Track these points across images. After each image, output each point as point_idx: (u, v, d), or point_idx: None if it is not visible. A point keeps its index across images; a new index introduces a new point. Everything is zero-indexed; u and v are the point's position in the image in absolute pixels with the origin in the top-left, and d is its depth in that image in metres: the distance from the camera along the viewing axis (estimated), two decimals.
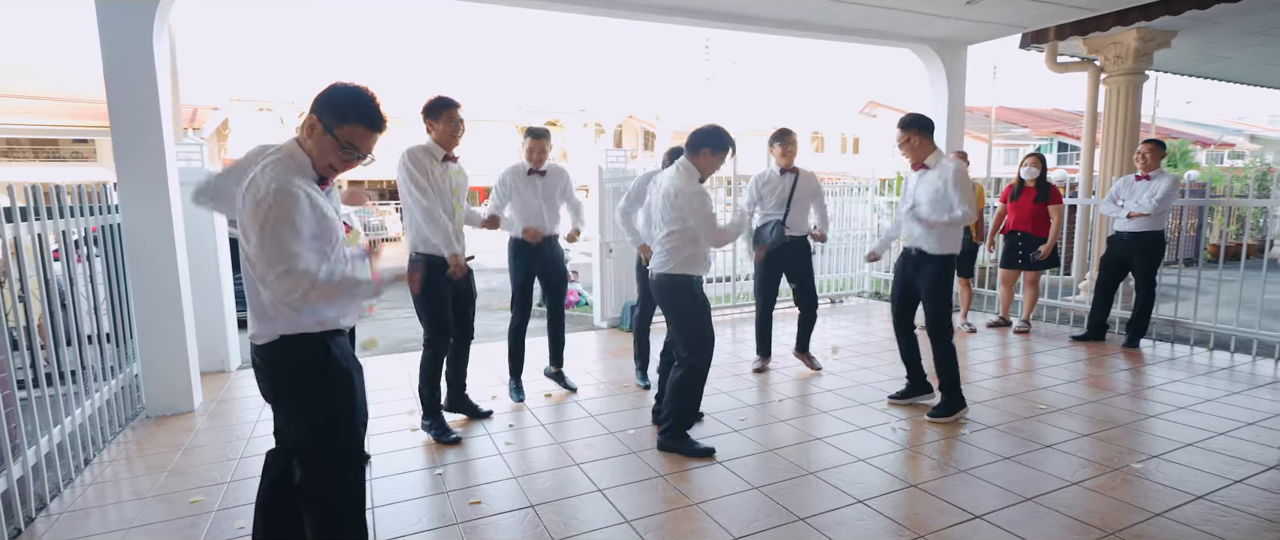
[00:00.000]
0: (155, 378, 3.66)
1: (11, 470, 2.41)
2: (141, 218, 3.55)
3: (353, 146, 1.68)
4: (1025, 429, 3.25)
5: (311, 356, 1.72)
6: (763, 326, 4.41)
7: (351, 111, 1.67)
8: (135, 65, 3.46)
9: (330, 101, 1.67)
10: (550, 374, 4.12)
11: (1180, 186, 4.57)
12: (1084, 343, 5.04)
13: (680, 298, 2.96)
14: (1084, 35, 5.52)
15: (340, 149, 1.68)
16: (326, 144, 1.67)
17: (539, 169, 3.76)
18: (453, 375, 3.47)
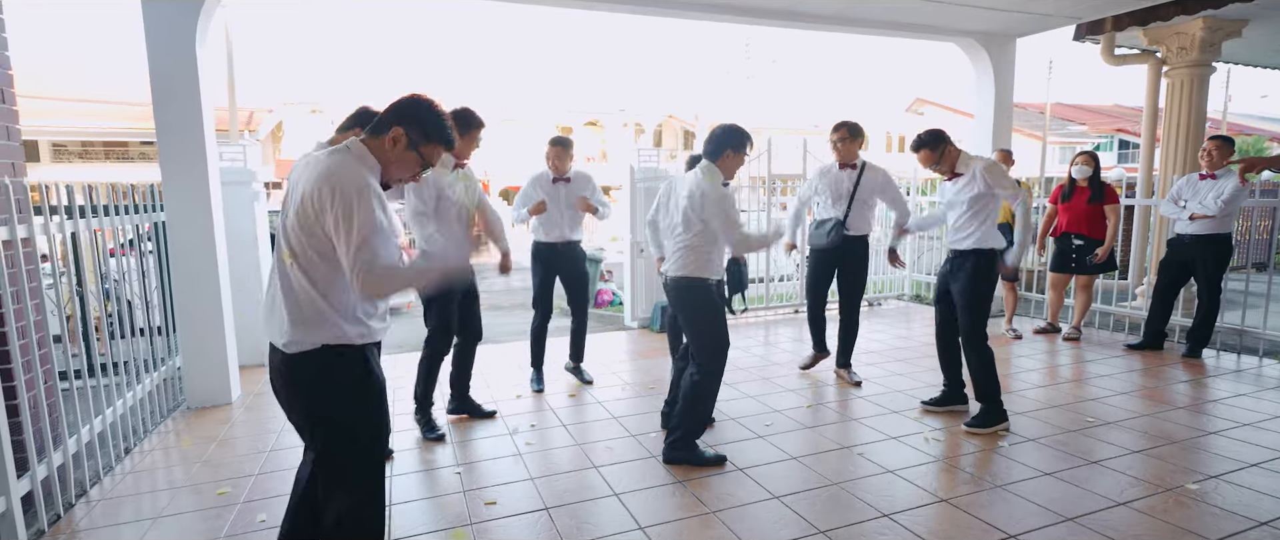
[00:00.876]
0: (195, 371, 3.79)
1: (52, 458, 2.51)
2: (184, 216, 3.68)
3: (428, 164, 1.73)
4: (1070, 443, 3.06)
5: (354, 368, 1.67)
6: (816, 321, 4.22)
7: (437, 134, 1.70)
8: (179, 67, 3.59)
9: (419, 119, 1.68)
10: (569, 368, 4.15)
11: (1249, 186, 4.25)
12: (1140, 352, 4.74)
13: (697, 301, 2.88)
14: (1144, 25, 5.21)
15: (419, 165, 1.71)
16: (409, 158, 1.69)
17: (563, 176, 3.78)
18: (457, 376, 3.45)
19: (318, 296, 1.60)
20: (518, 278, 12.03)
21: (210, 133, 3.76)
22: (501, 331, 6.33)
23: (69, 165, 20.16)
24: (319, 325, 1.61)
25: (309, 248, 1.58)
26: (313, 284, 1.59)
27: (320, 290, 1.60)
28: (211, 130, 3.79)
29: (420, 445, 3.16)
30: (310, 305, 1.61)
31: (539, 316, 3.93)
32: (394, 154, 1.67)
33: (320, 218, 1.55)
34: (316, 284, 1.60)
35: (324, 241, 1.57)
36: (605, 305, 8.39)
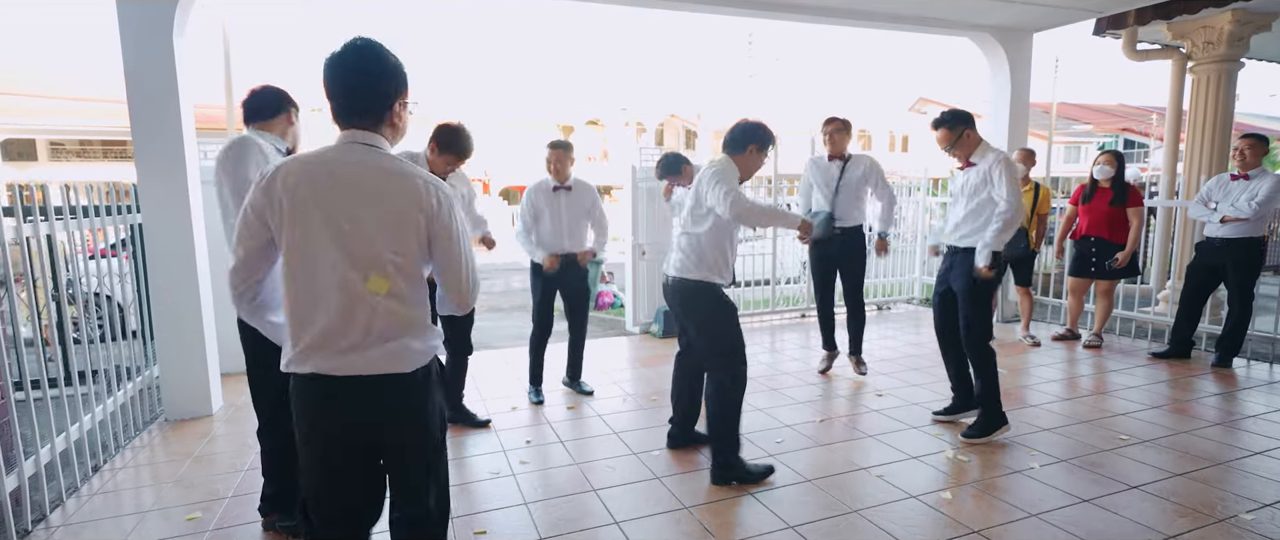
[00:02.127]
0: (174, 380, 3.59)
1: (3, 482, 2.31)
2: (162, 218, 3.48)
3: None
4: (1104, 464, 2.85)
5: (436, 372, 1.56)
6: (825, 320, 4.33)
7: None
8: (155, 60, 3.39)
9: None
10: (566, 383, 3.98)
11: None
12: (1166, 361, 4.53)
13: (704, 303, 2.70)
14: (1169, 19, 4.99)
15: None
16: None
17: (564, 184, 3.58)
18: (449, 388, 3.33)
19: (471, 295, 1.54)
20: (518, 279, 11.84)
21: (190, 130, 3.56)
22: (498, 336, 6.13)
23: (67, 164, 20.02)
24: (428, 334, 1.49)
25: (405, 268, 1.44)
26: (466, 283, 1.51)
27: (415, 308, 1.47)
28: (191, 128, 3.59)
29: None
30: (409, 322, 1.46)
31: (538, 331, 3.74)
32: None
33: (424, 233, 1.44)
34: (410, 304, 1.46)
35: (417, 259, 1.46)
36: (606, 307, 8.19)
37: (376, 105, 1.42)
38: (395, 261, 1.39)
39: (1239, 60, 5.32)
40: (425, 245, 1.43)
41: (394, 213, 1.38)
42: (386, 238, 1.38)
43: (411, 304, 1.44)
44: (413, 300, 1.44)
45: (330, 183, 1.37)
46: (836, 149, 4.04)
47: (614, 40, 55.24)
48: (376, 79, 1.41)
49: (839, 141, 4.03)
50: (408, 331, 1.43)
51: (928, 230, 6.93)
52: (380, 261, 1.38)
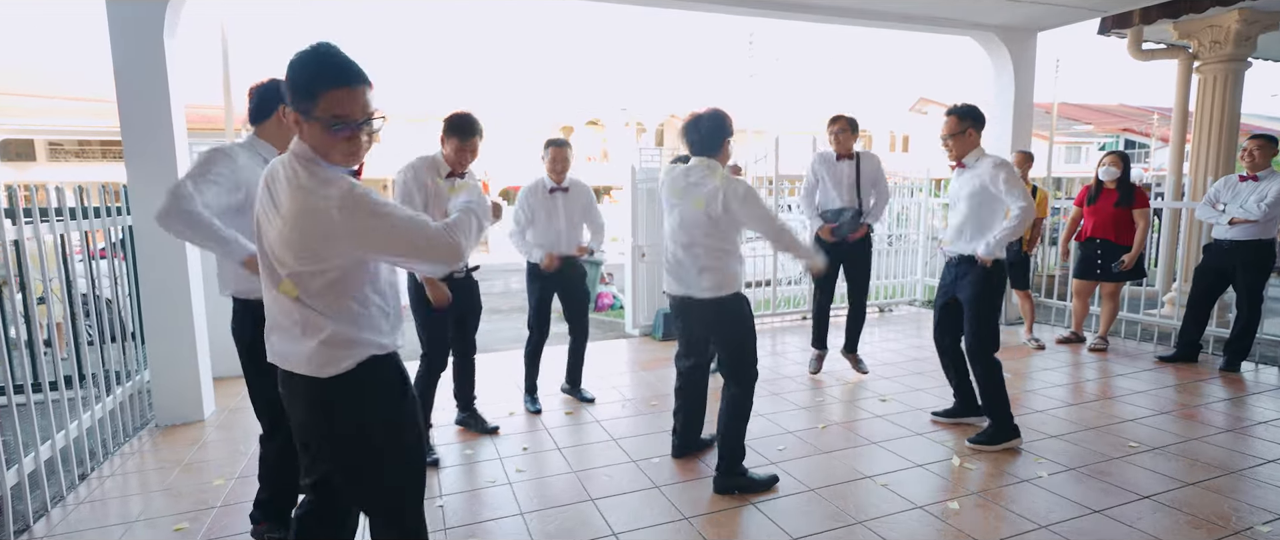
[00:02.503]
0: (165, 385, 3.53)
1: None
2: (149, 216, 3.41)
3: (340, 117, 1.34)
4: (1114, 473, 2.78)
5: (396, 375, 1.52)
6: (820, 318, 4.30)
7: (317, 80, 1.33)
8: (145, 59, 3.33)
9: (290, 84, 1.35)
10: (565, 390, 3.91)
11: None
12: (1173, 364, 4.46)
13: (738, 316, 2.63)
14: (1175, 18, 4.92)
15: (331, 128, 1.34)
16: (314, 132, 1.36)
17: (561, 185, 3.50)
18: (460, 391, 3.34)
19: (323, 321, 1.43)
20: (516, 280, 11.78)
21: (180, 131, 3.50)
22: (497, 339, 6.06)
23: (65, 164, 19.96)
24: (359, 335, 1.45)
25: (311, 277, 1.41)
26: (318, 313, 1.42)
27: (331, 316, 1.43)
28: (182, 128, 3.53)
29: None
30: (320, 327, 1.43)
31: (535, 337, 3.66)
32: (309, 137, 1.38)
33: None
34: (324, 313, 1.42)
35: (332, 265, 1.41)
36: (606, 309, 8.13)
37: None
38: (295, 271, 1.38)
39: (1246, 60, 5.25)
40: (333, 256, 1.36)
41: (289, 223, 1.36)
42: (284, 247, 1.38)
43: (326, 313, 1.41)
44: (329, 309, 1.40)
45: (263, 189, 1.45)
46: (844, 147, 4.05)
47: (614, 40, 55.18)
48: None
49: (845, 141, 4.04)
50: (320, 335, 1.41)
51: (930, 232, 6.88)
52: (285, 268, 1.40)
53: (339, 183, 1.35)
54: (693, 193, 2.55)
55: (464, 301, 3.04)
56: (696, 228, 2.55)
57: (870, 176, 4.06)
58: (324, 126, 1.34)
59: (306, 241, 1.34)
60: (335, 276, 1.39)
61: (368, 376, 1.45)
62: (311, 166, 1.37)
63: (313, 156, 1.38)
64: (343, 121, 1.35)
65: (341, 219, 1.32)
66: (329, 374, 1.41)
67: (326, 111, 1.34)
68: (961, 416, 3.37)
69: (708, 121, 2.56)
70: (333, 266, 1.37)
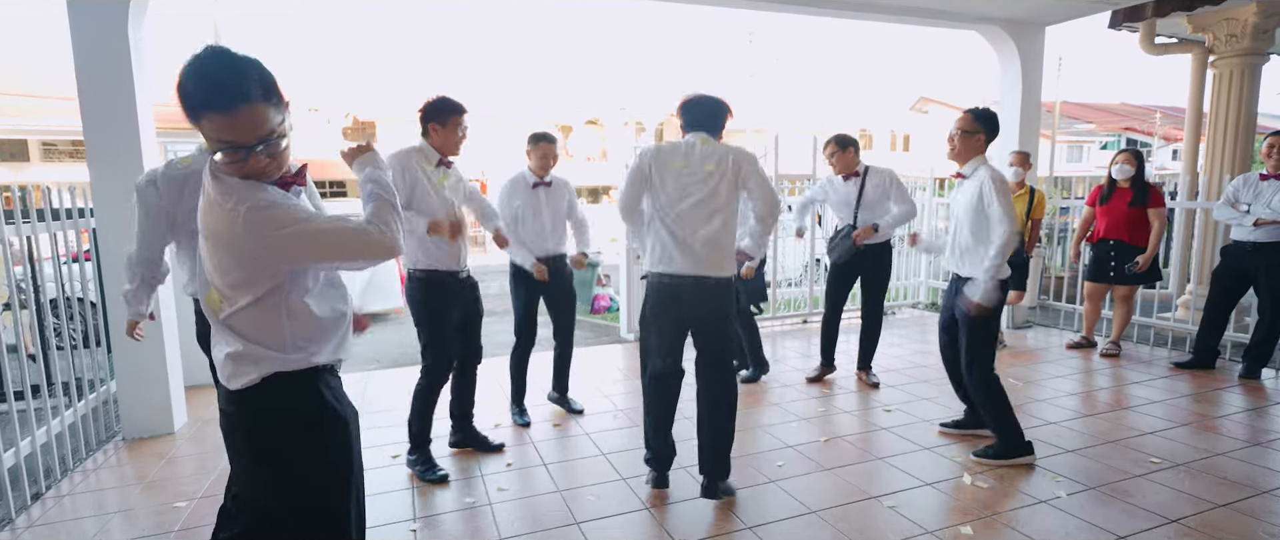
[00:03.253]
0: (131, 396, 3.35)
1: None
2: (117, 221, 3.24)
3: (226, 143, 1.21)
4: (1137, 493, 2.60)
5: (306, 399, 1.38)
6: (828, 333, 4.15)
7: (191, 102, 1.18)
8: (108, 51, 3.16)
9: (181, 97, 1.20)
10: (553, 399, 3.69)
11: None
12: (1189, 371, 4.28)
13: (730, 300, 2.52)
14: (1190, 10, 4.73)
15: (221, 153, 1.23)
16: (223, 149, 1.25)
17: (544, 180, 3.32)
18: (458, 406, 3.04)
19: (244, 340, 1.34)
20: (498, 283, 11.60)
21: (147, 127, 3.32)
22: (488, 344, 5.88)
23: (59, 165, 19.81)
24: (262, 350, 1.34)
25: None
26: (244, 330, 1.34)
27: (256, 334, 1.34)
28: (149, 124, 3.35)
29: (378, 490, 2.71)
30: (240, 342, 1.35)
31: (523, 343, 3.47)
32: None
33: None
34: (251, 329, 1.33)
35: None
36: (602, 311, 7.95)
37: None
38: (222, 289, 1.30)
39: (1264, 54, 5.06)
40: (262, 279, 1.28)
41: (210, 243, 1.30)
42: (210, 264, 1.31)
43: (243, 331, 1.32)
44: (249, 327, 1.31)
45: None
46: (844, 167, 3.88)
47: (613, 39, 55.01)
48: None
49: (843, 160, 3.86)
50: (228, 345, 1.33)
51: (933, 232, 6.71)
52: (211, 282, 1.33)
53: (245, 199, 1.23)
54: (700, 159, 2.42)
55: (467, 305, 2.86)
56: (708, 198, 2.40)
57: (877, 194, 3.82)
58: (216, 152, 1.24)
59: (229, 265, 1.28)
60: (264, 296, 1.30)
61: (275, 393, 1.33)
62: (218, 178, 1.26)
63: (220, 167, 1.26)
64: (230, 145, 1.21)
65: (252, 244, 1.24)
66: (235, 386, 1.33)
67: (211, 136, 1.21)
68: (971, 428, 3.21)
69: (710, 100, 2.48)
70: (263, 289, 1.29)
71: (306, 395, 1.37)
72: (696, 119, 2.48)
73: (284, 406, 1.35)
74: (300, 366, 1.35)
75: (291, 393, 1.35)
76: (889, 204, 3.84)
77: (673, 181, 2.43)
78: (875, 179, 3.84)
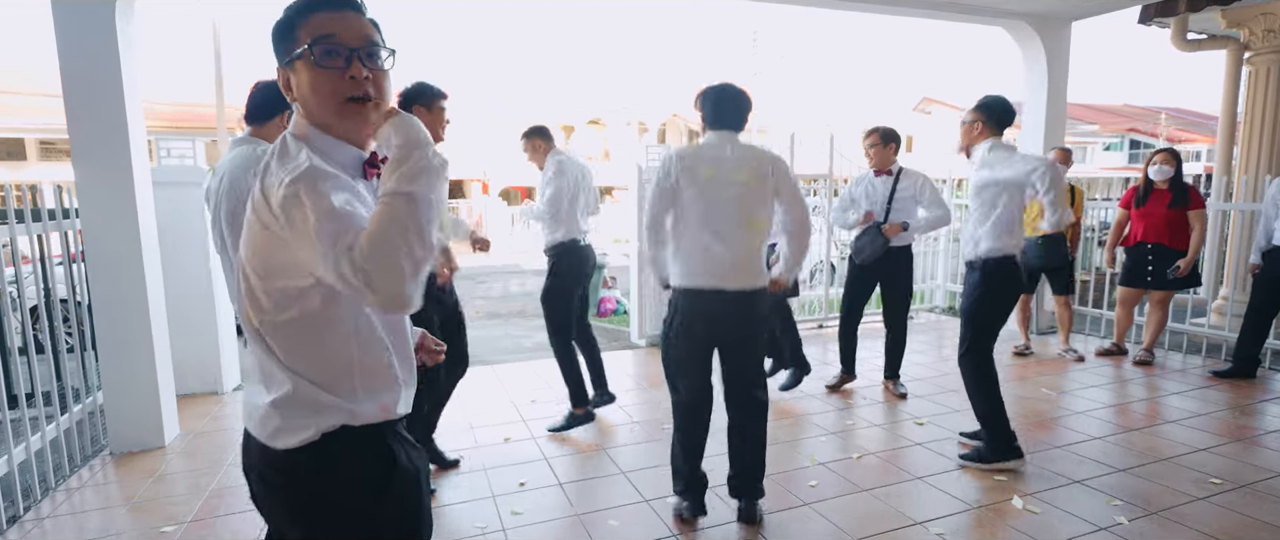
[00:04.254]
0: (119, 407, 3.16)
1: None
2: (103, 224, 3.05)
3: (324, 38, 1.03)
4: (1203, 518, 2.41)
5: (379, 461, 1.08)
6: (846, 340, 3.96)
7: (294, 13, 1.05)
8: (95, 46, 2.96)
9: (273, 41, 1.07)
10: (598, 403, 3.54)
11: None
12: (1228, 380, 4.09)
13: (765, 311, 2.37)
14: (1225, 5, 4.54)
15: (319, 63, 1.03)
16: (303, 85, 1.07)
17: None
18: (425, 413, 2.76)
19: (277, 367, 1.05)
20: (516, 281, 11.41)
21: (137, 125, 3.13)
22: (494, 349, 5.70)
23: (58, 164, 19.62)
24: (320, 399, 1.04)
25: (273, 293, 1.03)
26: (275, 350, 1.05)
27: (286, 358, 1.04)
28: (139, 122, 3.16)
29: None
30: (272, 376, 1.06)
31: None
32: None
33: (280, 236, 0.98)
34: (281, 350, 1.05)
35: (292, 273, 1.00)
36: (609, 314, 7.76)
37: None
38: (254, 286, 1.02)
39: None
40: (271, 256, 0.99)
41: (246, 227, 1.04)
42: (247, 252, 1.03)
43: (287, 361, 1.03)
44: (291, 353, 1.03)
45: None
46: (881, 163, 3.69)
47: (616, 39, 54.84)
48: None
49: (882, 155, 3.68)
50: (273, 387, 1.05)
51: (951, 232, 6.53)
52: (247, 281, 1.04)
53: (300, 157, 0.98)
54: (733, 166, 2.23)
55: (448, 307, 2.68)
56: (742, 210, 2.23)
57: (909, 196, 3.65)
58: (311, 65, 1.01)
59: (257, 243, 1.00)
60: (300, 299, 1.00)
61: (336, 453, 1.04)
62: (291, 144, 1.03)
63: (304, 133, 1.04)
64: (330, 45, 1.01)
65: (280, 206, 0.94)
66: (280, 446, 1.03)
67: (308, 38, 1.01)
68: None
69: (733, 91, 2.30)
70: (291, 285, 0.99)
71: (379, 456, 1.08)
72: (721, 114, 2.30)
73: (350, 475, 1.06)
74: (372, 419, 1.06)
75: (360, 454, 1.06)
76: (918, 209, 3.68)
77: (703, 192, 2.23)
78: (908, 180, 3.66)
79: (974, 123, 2.76)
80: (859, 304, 3.94)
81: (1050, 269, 4.47)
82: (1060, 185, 2.70)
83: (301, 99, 1.04)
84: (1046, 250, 4.34)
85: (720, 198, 2.22)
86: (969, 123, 2.79)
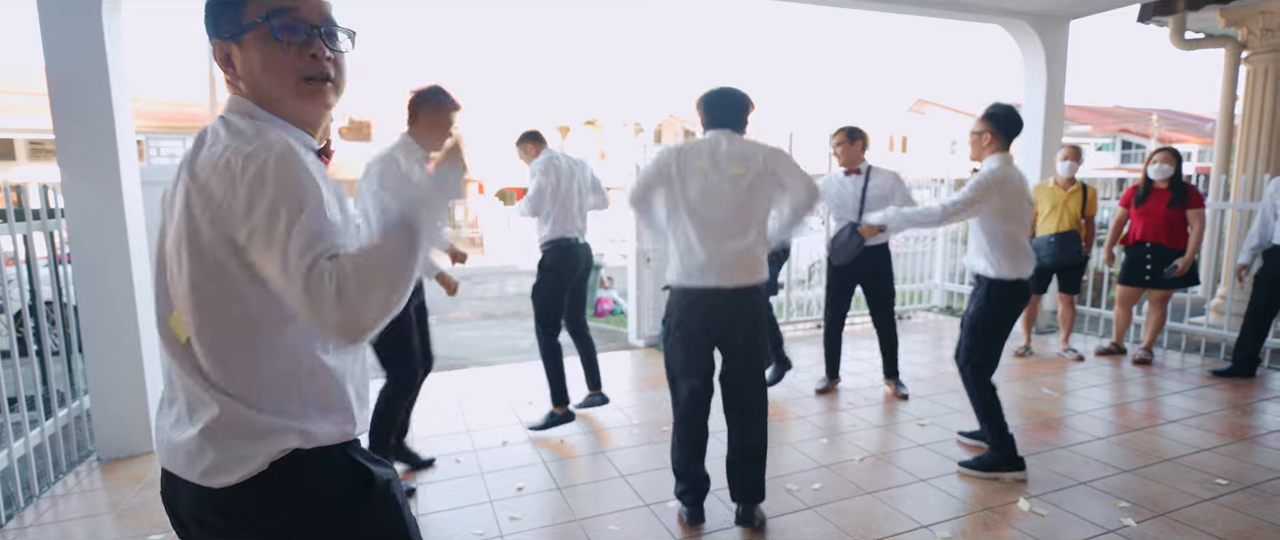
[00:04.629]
0: (107, 411, 3.08)
1: None
2: (89, 225, 2.98)
3: (278, 10, 0.94)
4: (1211, 520, 2.38)
5: (344, 476, 0.97)
6: (831, 343, 3.94)
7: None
8: (81, 40, 2.89)
9: (212, 11, 0.96)
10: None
11: None
12: (1228, 379, 4.07)
13: (765, 305, 2.41)
14: (1224, 3, 4.53)
15: (272, 36, 0.95)
16: (251, 60, 0.97)
17: None
18: (395, 417, 2.61)
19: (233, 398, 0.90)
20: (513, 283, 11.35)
21: (125, 122, 3.06)
22: (491, 350, 5.65)
23: (48, 164, 19.45)
24: (253, 420, 0.90)
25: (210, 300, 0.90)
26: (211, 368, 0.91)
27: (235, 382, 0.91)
28: (127, 120, 3.09)
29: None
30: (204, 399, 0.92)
31: None
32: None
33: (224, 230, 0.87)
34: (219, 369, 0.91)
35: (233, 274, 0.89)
36: (605, 314, 7.72)
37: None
38: (188, 293, 0.89)
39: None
40: (227, 257, 0.87)
41: (176, 214, 0.90)
42: (175, 251, 0.91)
43: (221, 380, 0.90)
44: (231, 370, 0.90)
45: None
46: (848, 161, 3.66)
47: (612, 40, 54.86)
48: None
49: (849, 153, 3.64)
50: (197, 414, 0.91)
51: (951, 235, 6.51)
52: (176, 289, 0.92)
53: (269, 135, 0.89)
54: (727, 160, 2.22)
55: (420, 309, 2.62)
56: (737, 203, 2.20)
57: (881, 195, 3.58)
58: (264, 38, 0.92)
59: (188, 231, 0.87)
60: (247, 298, 0.87)
61: (292, 485, 0.91)
62: (242, 124, 0.91)
63: (249, 112, 0.94)
64: (289, 19, 0.92)
65: (242, 184, 0.83)
66: (218, 484, 0.89)
67: (260, 9, 0.91)
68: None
69: (732, 93, 2.29)
70: (237, 277, 0.86)
71: (348, 474, 0.96)
72: (718, 115, 2.30)
73: (319, 499, 0.93)
74: (331, 439, 0.94)
75: (324, 477, 0.93)
76: (889, 206, 3.59)
77: (697, 185, 2.21)
78: (878, 179, 3.61)
79: (982, 133, 2.70)
80: (842, 307, 3.91)
81: (1063, 268, 4.45)
82: (984, 191, 2.66)
83: (248, 77, 0.94)
84: (1060, 248, 4.32)
85: (717, 193, 2.20)
86: (977, 133, 2.73)
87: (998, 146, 2.69)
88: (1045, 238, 4.37)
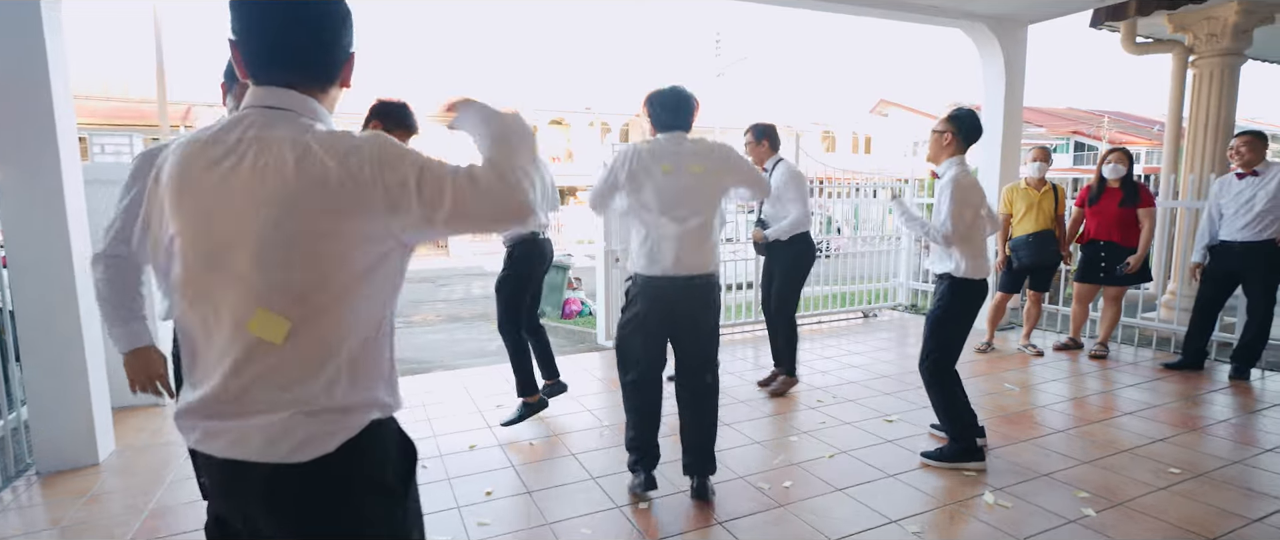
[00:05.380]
0: (47, 422, 2.92)
1: None
2: (24, 224, 2.82)
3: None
4: (1165, 508, 2.45)
5: (401, 451, 1.06)
6: (770, 335, 4.03)
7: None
8: (16, 36, 2.74)
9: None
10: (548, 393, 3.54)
11: None
12: (1179, 372, 4.23)
13: (719, 297, 2.51)
14: (1172, 9, 4.71)
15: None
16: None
17: None
18: None
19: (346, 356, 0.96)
20: (479, 284, 11.19)
21: (66, 118, 2.91)
22: (456, 353, 5.54)
23: None
24: (350, 395, 0.96)
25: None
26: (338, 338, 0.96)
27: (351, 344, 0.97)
28: (68, 115, 2.94)
29: None
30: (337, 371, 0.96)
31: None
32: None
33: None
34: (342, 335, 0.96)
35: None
36: (573, 316, 7.66)
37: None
38: (281, 287, 0.91)
39: (1242, 54, 5.10)
40: (324, 222, 0.90)
41: (266, 207, 0.93)
42: (265, 249, 0.92)
43: (325, 340, 0.94)
44: (350, 351, 0.96)
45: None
46: (756, 160, 3.77)
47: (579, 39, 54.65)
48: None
49: (755, 152, 3.77)
50: (295, 391, 0.94)
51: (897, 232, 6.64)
52: (257, 291, 0.92)
53: (330, 130, 0.98)
54: (688, 159, 2.39)
55: None
56: (698, 200, 2.38)
57: (779, 187, 3.59)
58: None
59: (305, 209, 0.90)
60: (363, 282, 0.94)
61: (369, 453, 0.97)
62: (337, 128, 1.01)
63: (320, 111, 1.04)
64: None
65: (368, 155, 0.91)
66: (309, 457, 0.91)
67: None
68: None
69: (678, 93, 2.44)
70: (338, 254, 0.91)
71: (405, 445, 1.06)
72: (668, 116, 2.44)
73: (385, 466, 1.00)
74: (397, 409, 1.03)
75: (391, 444, 1.02)
76: (787, 205, 3.67)
77: (660, 185, 2.37)
78: (777, 173, 3.68)
79: (944, 133, 2.78)
80: (767, 296, 3.98)
81: (1038, 267, 4.55)
82: (963, 201, 2.73)
83: (345, 88, 1.06)
84: (1038, 248, 4.42)
85: (677, 188, 2.36)
86: (939, 132, 2.79)
87: (956, 149, 2.77)
88: (1023, 238, 4.47)
